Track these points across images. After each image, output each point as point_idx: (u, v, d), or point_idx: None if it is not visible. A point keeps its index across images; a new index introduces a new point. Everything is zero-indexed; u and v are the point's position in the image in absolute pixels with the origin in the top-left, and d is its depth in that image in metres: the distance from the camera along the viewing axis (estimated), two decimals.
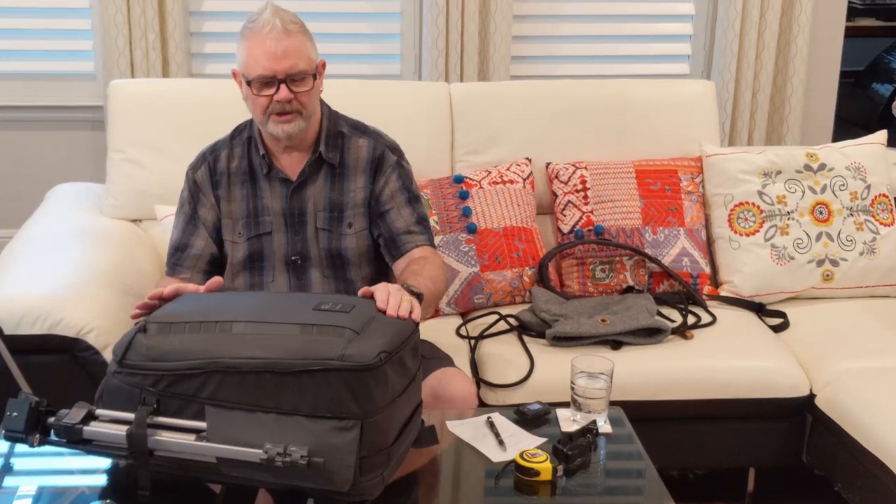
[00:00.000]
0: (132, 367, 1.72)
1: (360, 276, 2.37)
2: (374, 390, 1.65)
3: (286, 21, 2.21)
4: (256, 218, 2.35)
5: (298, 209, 2.34)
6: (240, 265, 2.36)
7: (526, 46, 3.62)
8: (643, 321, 2.64)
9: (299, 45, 2.21)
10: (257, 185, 2.35)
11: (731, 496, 2.89)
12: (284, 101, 2.21)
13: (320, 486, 1.65)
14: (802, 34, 3.57)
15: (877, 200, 2.99)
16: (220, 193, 2.36)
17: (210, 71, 3.51)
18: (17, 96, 3.51)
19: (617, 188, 2.97)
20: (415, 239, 2.34)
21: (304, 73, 2.22)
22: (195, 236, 2.36)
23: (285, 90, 2.20)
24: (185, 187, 2.40)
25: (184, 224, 2.38)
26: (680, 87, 3.26)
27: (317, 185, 2.34)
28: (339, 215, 2.34)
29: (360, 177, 2.35)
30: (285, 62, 2.19)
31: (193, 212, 2.37)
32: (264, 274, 2.36)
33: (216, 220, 2.37)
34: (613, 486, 1.94)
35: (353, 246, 2.35)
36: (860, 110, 4.62)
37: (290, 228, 2.34)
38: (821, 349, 2.68)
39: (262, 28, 2.20)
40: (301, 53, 2.21)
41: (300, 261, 2.35)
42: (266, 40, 2.18)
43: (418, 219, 2.37)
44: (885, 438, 2.32)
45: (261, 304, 1.90)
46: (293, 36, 2.20)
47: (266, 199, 2.34)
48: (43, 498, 1.83)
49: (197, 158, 2.41)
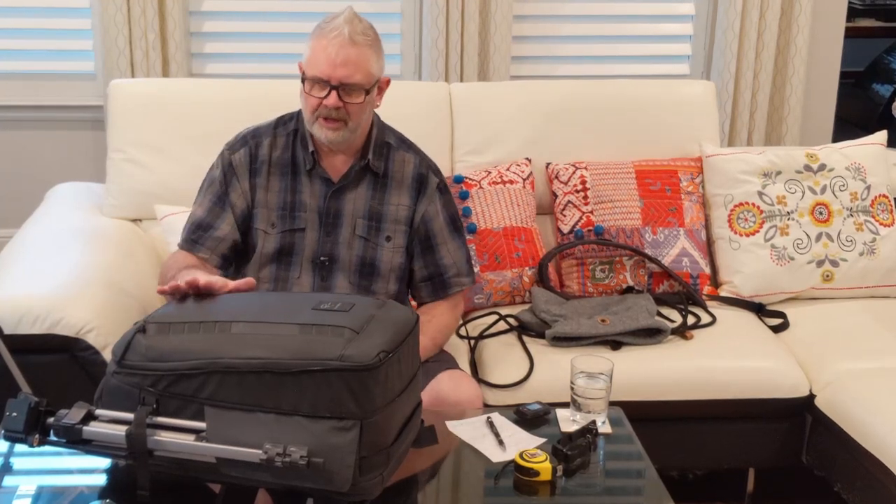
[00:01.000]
0: (131, 367, 1.72)
1: (385, 290, 2.37)
2: (373, 390, 1.65)
3: (355, 31, 2.22)
4: (293, 212, 2.34)
5: (335, 211, 2.34)
6: (268, 257, 2.35)
7: (526, 47, 3.62)
8: (643, 321, 2.64)
9: (360, 57, 2.22)
10: (297, 180, 2.35)
11: (730, 496, 2.90)
12: (332, 108, 2.22)
13: (320, 486, 1.65)
14: (802, 35, 3.56)
15: (877, 201, 2.99)
16: (258, 181, 2.35)
17: (210, 71, 3.51)
18: (17, 96, 3.51)
19: (617, 188, 2.97)
20: (461, 282, 2.44)
21: (359, 85, 2.22)
22: (221, 219, 2.34)
23: (335, 97, 2.21)
24: (217, 165, 2.38)
25: (211, 203, 2.36)
26: (680, 88, 3.27)
27: (358, 191, 2.35)
28: (378, 225, 2.35)
29: (403, 192, 2.37)
30: (342, 70, 2.20)
31: (224, 193, 2.35)
32: (291, 269, 2.35)
33: (245, 208, 2.36)
34: (613, 487, 1.94)
35: (387, 259, 2.36)
36: (860, 111, 4.61)
37: (323, 228, 2.34)
38: (821, 350, 2.68)
39: (330, 32, 2.22)
40: (360, 66, 2.22)
41: (328, 262, 2.34)
42: (330, 45, 2.20)
43: (466, 256, 2.45)
44: (885, 439, 2.32)
45: (260, 304, 1.89)
46: (358, 47, 2.21)
47: (304, 195, 2.34)
48: (42, 497, 1.83)
49: (237, 140, 2.39)
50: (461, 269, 2.44)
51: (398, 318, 1.80)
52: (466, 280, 2.46)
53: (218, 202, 2.35)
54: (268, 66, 3.47)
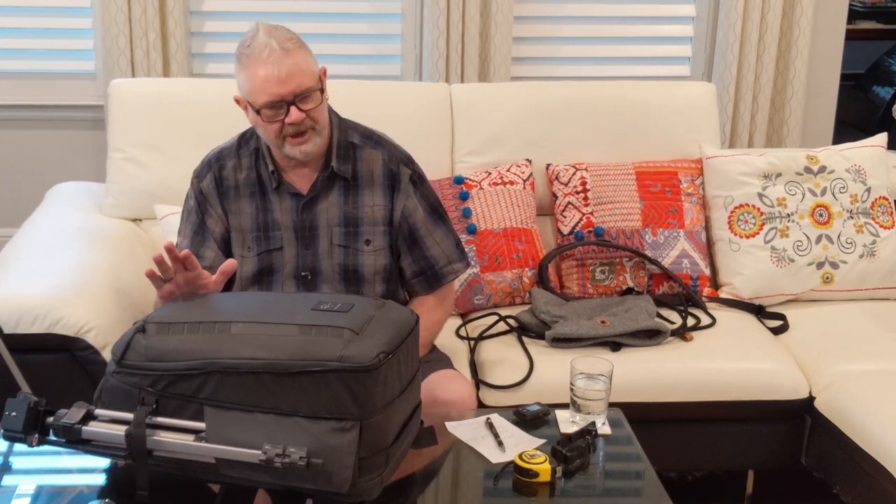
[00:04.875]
0: (131, 367, 1.72)
1: (372, 294, 2.33)
2: (372, 391, 1.65)
3: (282, 40, 2.16)
4: (267, 233, 2.31)
5: (309, 224, 2.30)
6: (249, 279, 2.33)
7: (527, 48, 3.62)
8: (643, 323, 2.64)
9: (300, 63, 2.16)
10: (267, 199, 2.31)
11: (729, 498, 2.90)
12: (297, 122, 2.17)
13: (319, 487, 1.65)
14: (803, 37, 3.57)
15: (877, 203, 2.99)
16: (229, 207, 2.32)
17: (211, 70, 3.51)
18: (18, 95, 3.51)
19: (617, 190, 2.97)
20: (454, 269, 2.40)
21: (311, 89, 2.18)
22: (204, 247, 2.32)
23: (296, 111, 2.16)
24: (190, 194, 2.36)
25: (192, 234, 2.34)
26: (680, 89, 3.26)
27: (329, 200, 2.30)
28: (355, 230, 2.32)
29: (376, 192, 2.32)
30: (291, 83, 2.14)
31: (202, 222, 2.33)
32: (273, 288, 2.33)
33: (224, 232, 2.34)
34: (612, 488, 1.94)
35: (370, 263, 2.33)
36: (860, 113, 4.62)
37: (301, 243, 2.31)
38: (820, 351, 2.68)
39: (259, 53, 2.15)
40: (304, 70, 2.17)
41: (310, 276, 2.32)
42: (266, 65, 2.14)
43: (455, 242, 2.41)
44: (884, 441, 2.32)
45: (260, 304, 1.90)
46: (292, 54, 2.16)
47: (276, 213, 2.31)
48: (41, 497, 1.83)
49: (202, 165, 2.36)
50: (451, 257, 2.39)
51: (398, 319, 1.80)
52: (459, 266, 2.41)
53: (198, 232, 2.33)
54: None
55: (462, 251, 2.44)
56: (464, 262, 2.43)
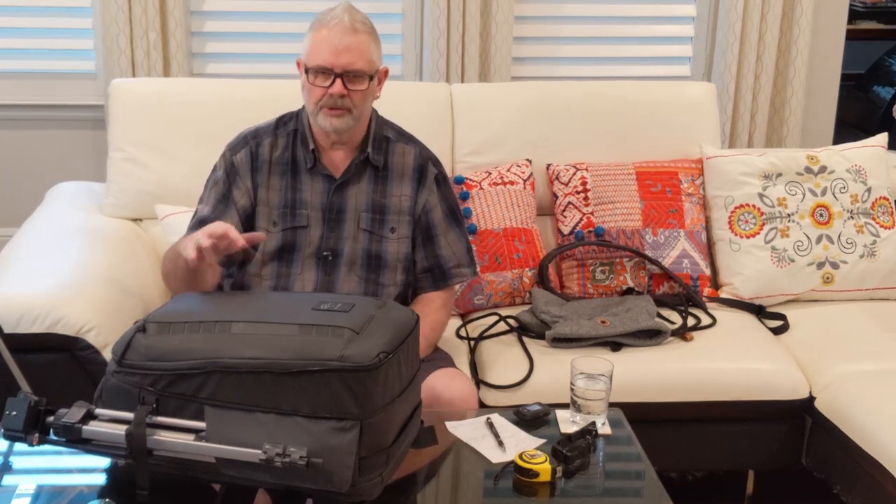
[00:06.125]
0: (131, 367, 1.72)
1: (393, 281, 2.39)
2: (373, 391, 1.65)
3: (356, 20, 2.25)
4: (294, 210, 2.36)
5: (338, 206, 2.36)
6: (271, 254, 2.36)
7: (527, 48, 3.62)
8: (643, 323, 2.64)
9: (362, 45, 2.25)
10: (298, 178, 2.36)
11: (730, 498, 2.90)
12: (337, 96, 2.24)
13: (319, 487, 1.65)
14: (803, 37, 3.57)
15: (877, 203, 2.99)
16: (260, 180, 2.37)
17: (211, 70, 3.51)
18: (18, 95, 3.51)
19: (617, 190, 2.97)
20: (462, 272, 2.46)
21: (362, 72, 2.25)
22: (225, 216, 2.34)
23: (339, 85, 2.23)
24: (220, 165, 2.40)
25: (215, 201, 2.37)
26: (680, 89, 3.27)
27: (360, 186, 2.37)
28: (381, 217, 2.37)
29: (405, 183, 2.39)
30: (345, 57, 2.22)
31: (228, 192, 2.37)
32: (293, 265, 2.36)
33: (248, 207, 2.37)
34: (612, 488, 1.94)
35: (393, 251, 2.38)
36: (861, 113, 4.62)
37: (327, 224, 2.36)
38: (820, 352, 2.68)
39: (330, 21, 2.25)
40: (362, 53, 2.25)
41: (331, 257, 2.36)
42: (331, 34, 2.23)
43: (466, 247, 2.47)
44: (885, 441, 2.32)
45: (260, 304, 1.90)
46: (358, 35, 2.24)
47: (305, 193, 2.36)
48: (42, 497, 1.83)
49: (237, 140, 2.42)
50: (461, 260, 2.46)
51: (398, 319, 1.80)
52: (467, 271, 2.47)
53: (222, 200, 2.37)
54: (268, 66, 3.47)
55: (472, 258, 2.50)
56: (472, 268, 2.49)
